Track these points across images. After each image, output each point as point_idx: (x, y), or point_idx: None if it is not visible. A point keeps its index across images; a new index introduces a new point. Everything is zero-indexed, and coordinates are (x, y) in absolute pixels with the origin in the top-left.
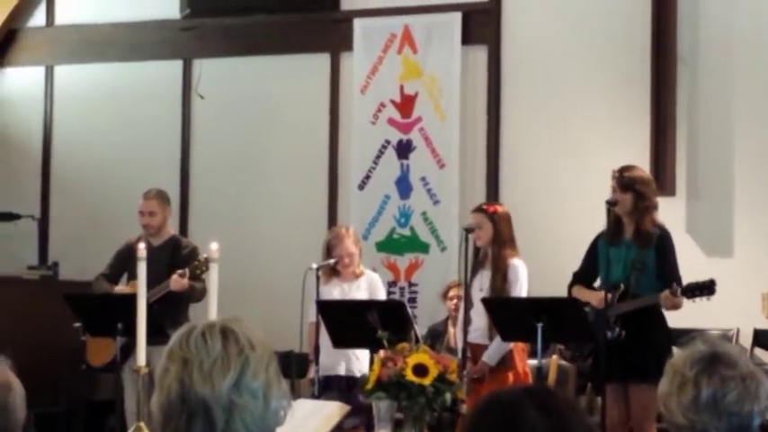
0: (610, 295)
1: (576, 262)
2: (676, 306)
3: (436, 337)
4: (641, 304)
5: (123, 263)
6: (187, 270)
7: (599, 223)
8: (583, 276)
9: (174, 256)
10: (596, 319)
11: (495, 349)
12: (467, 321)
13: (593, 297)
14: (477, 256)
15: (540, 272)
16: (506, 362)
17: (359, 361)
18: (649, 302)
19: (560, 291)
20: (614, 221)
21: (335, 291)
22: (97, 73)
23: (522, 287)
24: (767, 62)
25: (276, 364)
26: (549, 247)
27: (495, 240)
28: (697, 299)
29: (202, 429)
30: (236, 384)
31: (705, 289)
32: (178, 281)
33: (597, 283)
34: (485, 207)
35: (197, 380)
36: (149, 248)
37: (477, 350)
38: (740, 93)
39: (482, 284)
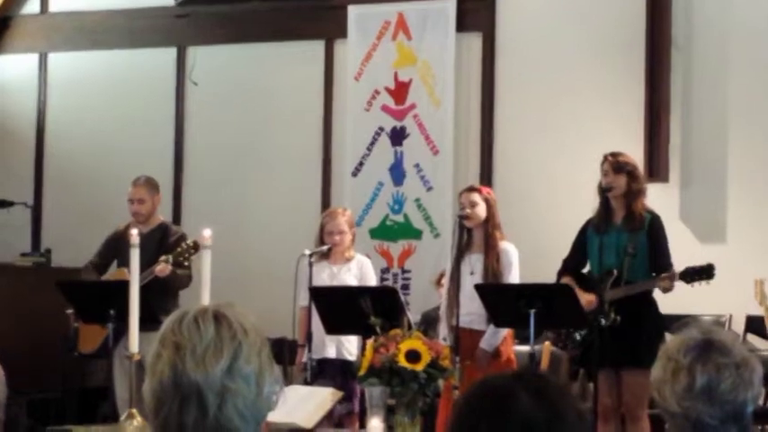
0: (603, 283)
1: (568, 248)
2: (669, 289)
3: (430, 323)
4: (637, 290)
5: (112, 251)
6: (170, 256)
7: (592, 210)
8: (572, 263)
9: (163, 242)
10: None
11: (492, 335)
12: (457, 305)
13: (583, 298)
14: (461, 239)
15: (532, 257)
16: (499, 348)
17: (349, 343)
18: (645, 288)
19: (553, 276)
20: (605, 208)
21: (325, 273)
22: (91, 60)
23: (515, 272)
24: (762, 49)
25: (269, 350)
26: (542, 232)
27: (487, 222)
28: (696, 283)
29: (195, 414)
30: (229, 369)
31: (704, 273)
32: (162, 267)
33: (586, 270)
34: (478, 187)
35: (189, 365)
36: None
37: (468, 335)
38: (734, 80)
39: (472, 268)
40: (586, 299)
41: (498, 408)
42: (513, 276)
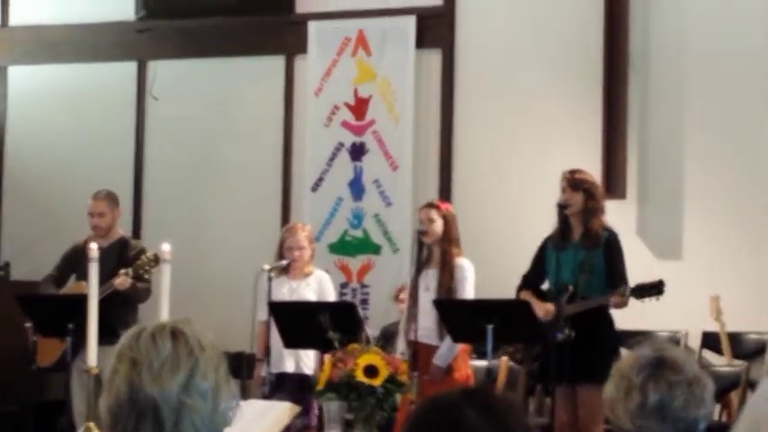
0: (558, 299)
1: (527, 264)
2: (620, 306)
3: (389, 338)
4: (591, 305)
5: (70, 265)
6: (130, 269)
7: (550, 226)
8: (531, 279)
9: (122, 257)
10: (546, 322)
11: (446, 351)
12: (415, 320)
13: (540, 309)
14: (420, 254)
15: (490, 273)
16: (451, 364)
17: (308, 358)
18: (599, 303)
19: (512, 292)
20: (563, 225)
21: (284, 288)
22: (52, 74)
23: (470, 287)
24: (717, 68)
25: (226, 366)
26: (501, 248)
27: (444, 238)
28: (646, 299)
29: (151, 430)
30: (186, 385)
31: (654, 289)
32: (122, 280)
33: (545, 286)
34: (437, 203)
35: (146, 381)
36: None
37: (424, 350)
38: (690, 98)
39: (428, 284)
40: (544, 309)
41: (446, 424)
42: (467, 292)
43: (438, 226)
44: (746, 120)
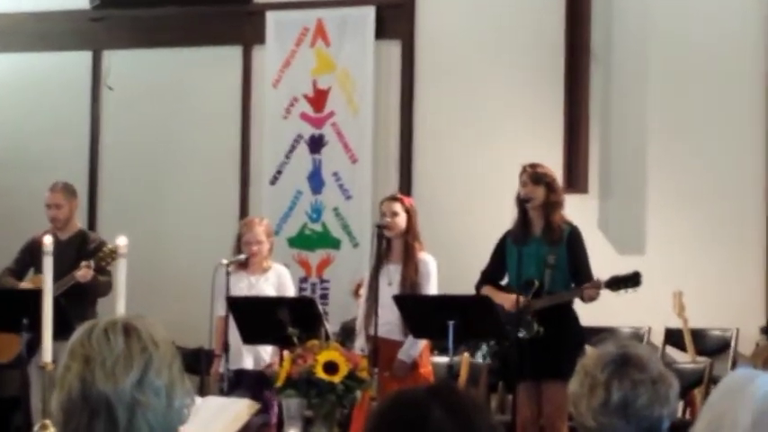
0: (524, 294)
1: (487, 258)
2: (594, 298)
3: (348, 334)
4: (560, 299)
5: (29, 258)
6: (92, 261)
7: (511, 220)
8: (491, 275)
9: (82, 249)
10: (510, 317)
11: (411, 346)
12: (376, 315)
13: (506, 300)
14: (380, 248)
15: (451, 267)
16: (416, 359)
17: (267, 354)
18: (569, 297)
19: (471, 287)
20: (523, 219)
21: (243, 283)
22: (3, 63)
23: (433, 283)
24: (680, 60)
25: (180, 363)
26: (461, 242)
27: (407, 232)
28: (621, 291)
29: (104, 428)
30: (139, 382)
31: (630, 281)
32: (84, 272)
33: (505, 281)
34: (400, 197)
35: (99, 377)
36: (56, 242)
37: (385, 345)
38: (653, 91)
39: (390, 278)
40: (510, 300)
41: (412, 422)
42: (431, 288)
43: (402, 219)
44: (708, 114)
